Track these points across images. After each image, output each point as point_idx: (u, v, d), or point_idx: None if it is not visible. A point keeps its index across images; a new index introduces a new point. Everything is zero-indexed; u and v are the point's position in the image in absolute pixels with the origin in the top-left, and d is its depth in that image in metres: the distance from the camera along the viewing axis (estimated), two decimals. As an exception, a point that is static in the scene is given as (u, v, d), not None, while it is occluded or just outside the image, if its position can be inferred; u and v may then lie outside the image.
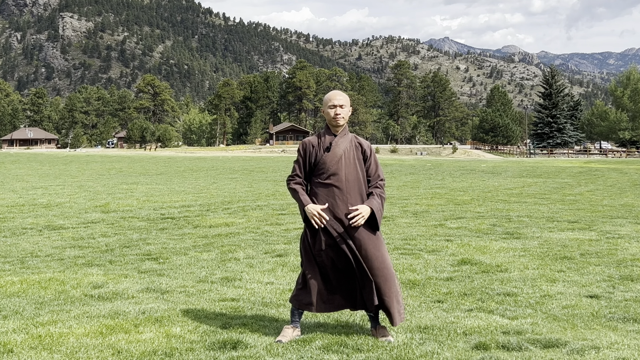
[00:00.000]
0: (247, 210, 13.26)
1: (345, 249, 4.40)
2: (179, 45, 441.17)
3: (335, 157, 4.47)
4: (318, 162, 4.50)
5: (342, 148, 4.50)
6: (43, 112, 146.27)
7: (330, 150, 4.49)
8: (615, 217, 11.96)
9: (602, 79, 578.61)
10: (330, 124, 4.57)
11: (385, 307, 4.44)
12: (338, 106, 4.51)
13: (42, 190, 19.31)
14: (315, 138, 4.61)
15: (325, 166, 4.46)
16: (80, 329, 4.72)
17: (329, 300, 4.54)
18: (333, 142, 4.51)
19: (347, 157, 4.49)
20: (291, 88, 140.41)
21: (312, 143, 4.58)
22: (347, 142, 4.54)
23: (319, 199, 4.47)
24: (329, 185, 4.46)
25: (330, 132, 4.58)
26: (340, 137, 4.54)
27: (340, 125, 4.54)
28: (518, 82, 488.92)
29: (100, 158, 54.46)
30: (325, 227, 4.43)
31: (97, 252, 8.42)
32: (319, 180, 4.49)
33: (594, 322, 4.84)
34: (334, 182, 4.45)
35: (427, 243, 8.74)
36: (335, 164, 4.46)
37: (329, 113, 4.52)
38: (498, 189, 19.82)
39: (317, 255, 4.48)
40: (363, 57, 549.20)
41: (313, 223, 4.39)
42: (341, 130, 4.57)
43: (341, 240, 4.41)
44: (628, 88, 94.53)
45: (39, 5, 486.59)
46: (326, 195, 4.45)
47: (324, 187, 4.47)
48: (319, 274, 4.50)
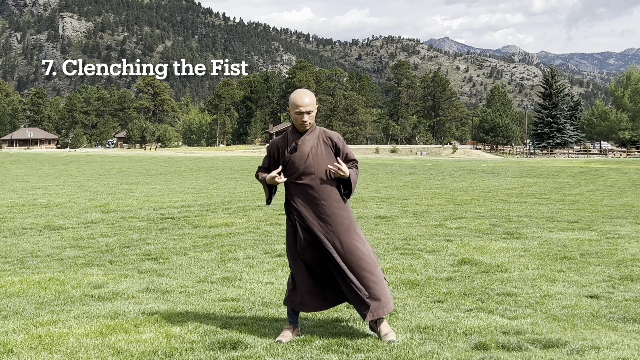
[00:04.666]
0: (247, 210, 13.25)
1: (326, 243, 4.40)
2: (179, 45, 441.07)
3: (303, 156, 4.44)
4: (286, 162, 4.48)
5: (309, 145, 4.46)
6: (43, 112, 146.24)
7: (297, 149, 4.46)
8: (615, 217, 11.96)
9: (602, 79, 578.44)
10: (297, 127, 4.53)
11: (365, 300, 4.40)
12: (305, 113, 4.43)
13: (42, 190, 19.31)
14: (281, 139, 4.58)
15: (294, 166, 4.45)
16: (80, 329, 4.72)
17: (321, 298, 4.53)
18: (299, 140, 4.48)
19: (316, 153, 4.45)
20: (291, 88, 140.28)
21: (277, 144, 4.57)
22: (314, 138, 4.49)
23: (294, 199, 4.47)
24: (301, 184, 4.45)
25: (297, 131, 4.54)
26: (307, 134, 4.50)
27: (307, 129, 4.51)
28: (518, 82, 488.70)
29: (100, 158, 54.45)
30: (304, 225, 4.44)
31: (97, 252, 8.42)
32: (292, 181, 4.48)
33: (594, 322, 4.84)
34: (306, 181, 4.44)
35: (427, 243, 8.74)
36: (303, 162, 4.43)
37: (296, 119, 4.47)
38: (498, 189, 19.82)
39: (300, 254, 4.48)
40: (363, 57, 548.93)
41: (277, 182, 4.44)
42: (308, 130, 4.53)
43: (321, 236, 4.41)
44: (628, 88, 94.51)
45: (39, 5, 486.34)
46: (300, 194, 4.45)
47: (296, 187, 4.47)
48: (306, 272, 4.50)
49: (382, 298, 4.45)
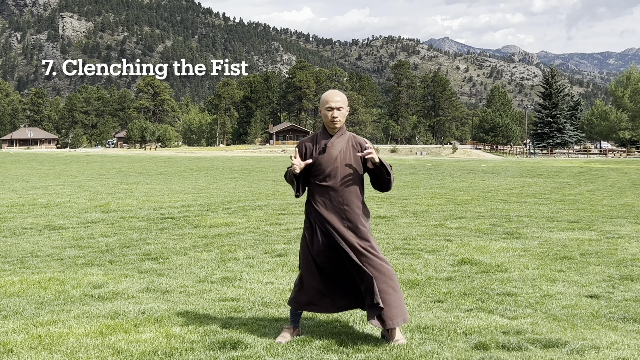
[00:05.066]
0: (247, 210, 13.26)
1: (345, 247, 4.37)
2: (179, 45, 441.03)
3: (331, 159, 4.44)
4: (314, 163, 4.47)
5: (338, 149, 4.46)
6: (43, 112, 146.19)
7: (325, 151, 4.45)
8: (615, 217, 11.96)
9: (602, 79, 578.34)
10: (327, 126, 4.53)
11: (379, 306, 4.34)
12: (335, 109, 4.45)
13: (42, 190, 19.31)
14: (310, 138, 4.58)
15: (320, 167, 4.44)
16: (80, 329, 4.72)
17: (330, 300, 4.51)
18: (329, 143, 4.47)
19: (344, 157, 4.45)
20: (291, 88, 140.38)
21: (306, 144, 4.56)
22: (343, 142, 4.49)
23: (316, 200, 4.46)
24: (325, 186, 4.44)
25: (327, 132, 4.54)
26: (336, 137, 4.50)
27: (337, 127, 4.51)
28: (518, 82, 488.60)
29: (100, 158, 54.45)
30: (324, 229, 4.42)
31: (97, 252, 8.42)
32: (316, 182, 4.47)
33: (594, 322, 4.84)
34: (330, 184, 4.43)
35: (427, 243, 8.74)
36: (330, 165, 4.43)
37: (326, 115, 4.48)
38: (498, 189, 19.82)
39: (315, 257, 4.46)
40: (363, 57, 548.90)
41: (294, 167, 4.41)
42: (338, 131, 4.53)
43: (340, 240, 4.38)
44: (628, 88, 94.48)
45: (39, 5, 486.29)
46: (323, 196, 4.44)
47: (320, 189, 4.46)
48: (317, 274, 4.47)
49: (401, 307, 4.42)
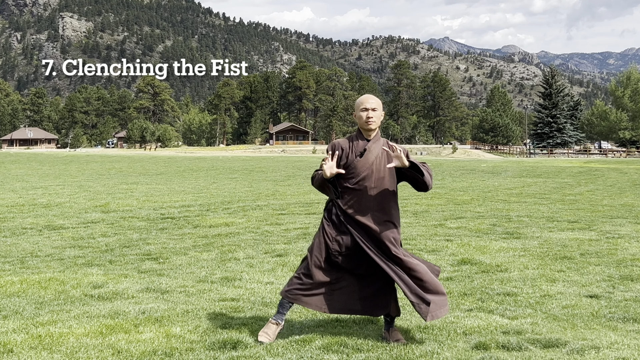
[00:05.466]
0: (247, 210, 13.26)
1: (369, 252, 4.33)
2: (179, 45, 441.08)
3: (368, 163, 4.41)
4: (348, 165, 4.43)
5: (375, 154, 4.44)
6: (43, 112, 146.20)
7: (363, 155, 4.43)
8: (615, 217, 11.97)
9: (602, 79, 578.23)
10: (362, 128, 4.50)
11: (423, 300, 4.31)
12: (370, 109, 4.44)
13: (42, 190, 19.31)
14: (345, 141, 4.54)
15: (356, 171, 4.41)
16: (80, 329, 4.72)
17: (324, 298, 4.43)
18: (367, 146, 4.45)
19: (379, 163, 4.44)
20: (291, 88, 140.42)
21: (341, 145, 4.51)
22: (379, 147, 4.47)
23: (345, 202, 4.42)
24: (356, 190, 4.40)
25: (362, 136, 4.51)
26: (373, 142, 4.48)
27: (372, 129, 4.47)
28: (518, 82, 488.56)
29: (100, 158, 54.44)
30: (351, 230, 4.37)
31: (97, 252, 8.43)
32: (347, 185, 4.43)
33: (594, 322, 4.84)
34: (361, 188, 4.40)
35: (427, 243, 8.75)
36: (366, 169, 4.40)
37: (361, 116, 4.46)
38: (498, 188, 19.82)
39: (332, 255, 4.40)
40: (363, 57, 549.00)
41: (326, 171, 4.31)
42: (374, 135, 4.51)
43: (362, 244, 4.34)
44: (628, 88, 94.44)
45: (39, 5, 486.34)
46: (351, 199, 4.41)
47: (351, 191, 4.42)
48: (328, 271, 4.39)
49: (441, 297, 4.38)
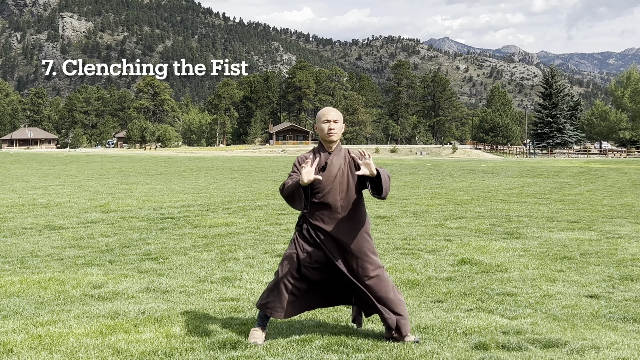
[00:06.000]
0: (247, 210, 13.26)
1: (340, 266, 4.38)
2: (179, 45, 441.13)
3: (331, 176, 4.43)
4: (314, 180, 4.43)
5: (337, 166, 4.47)
6: (43, 112, 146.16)
7: (325, 169, 4.45)
8: (615, 217, 11.97)
9: (602, 79, 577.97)
10: (324, 140, 4.53)
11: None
12: (332, 121, 4.47)
13: (42, 190, 19.31)
14: (311, 154, 4.57)
15: (320, 185, 4.42)
16: (80, 329, 4.72)
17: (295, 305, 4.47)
18: (328, 160, 4.47)
19: (342, 175, 4.46)
20: (291, 88, 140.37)
21: (306, 158, 4.52)
22: (341, 159, 4.50)
23: (313, 217, 4.44)
24: (323, 204, 4.42)
25: (324, 148, 4.54)
26: (334, 154, 4.50)
27: (334, 140, 4.50)
28: (518, 82, 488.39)
29: (100, 158, 54.44)
30: (319, 244, 4.41)
31: (97, 252, 8.43)
32: (314, 200, 4.44)
33: (594, 322, 4.84)
34: (328, 201, 4.41)
35: (427, 243, 8.75)
36: (330, 183, 4.42)
37: (323, 128, 4.48)
38: (498, 189, 19.82)
39: (303, 267, 4.43)
40: (363, 57, 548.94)
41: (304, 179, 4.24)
42: (335, 147, 4.53)
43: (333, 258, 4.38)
44: (628, 88, 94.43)
45: (39, 5, 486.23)
46: (320, 214, 4.43)
47: (317, 206, 4.43)
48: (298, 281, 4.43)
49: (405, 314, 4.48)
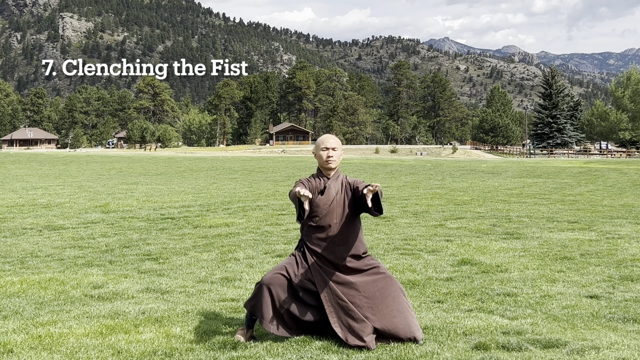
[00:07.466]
0: (247, 210, 13.26)
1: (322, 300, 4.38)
2: (179, 45, 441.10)
3: (328, 201, 4.48)
4: (312, 203, 4.46)
5: (335, 191, 4.51)
6: (43, 112, 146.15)
7: (323, 193, 4.49)
8: (615, 217, 11.97)
9: (602, 79, 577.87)
10: (322, 167, 4.57)
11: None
12: (330, 149, 4.52)
13: (42, 191, 19.31)
14: (311, 179, 4.61)
15: (318, 209, 4.46)
16: (80, 329, 4.72)
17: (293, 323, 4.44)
18: (327, 184, 4.52)
19: (339, 199, 4.50)
20: (291, 88, 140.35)
21: (309, 181, 4.57)
22: (338, 185, 4.55)
23: (311, 242, 4.48)
24: (320, 228, 4.46)
25: (323, 174, 4.58)
26: (332, 180, 4.55)
27: (332, 167, 4.55)
28: (518, 82, 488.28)
29: (100, 158, 54.44)
30: (316, 269, 4.43)
31: (97, 252, 8.43)
32: (311, 224, 4.48)
33: (594, 322, 4.84)
34: (324, 225, 4.46)
35: (427, 243, 8.74)
36: (327, 207, 4.46)
37: (322, 156, 4.53)
38: (498, 189, 19.82)
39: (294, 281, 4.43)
40: (363, 57, 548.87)
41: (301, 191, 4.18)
42: (333, 173, 4.57)
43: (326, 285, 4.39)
44: (628, 88, 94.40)
45: (39, 5, 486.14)
46: (317, 238, 4.47)
47: (315, 230, 4.47)
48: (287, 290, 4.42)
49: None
